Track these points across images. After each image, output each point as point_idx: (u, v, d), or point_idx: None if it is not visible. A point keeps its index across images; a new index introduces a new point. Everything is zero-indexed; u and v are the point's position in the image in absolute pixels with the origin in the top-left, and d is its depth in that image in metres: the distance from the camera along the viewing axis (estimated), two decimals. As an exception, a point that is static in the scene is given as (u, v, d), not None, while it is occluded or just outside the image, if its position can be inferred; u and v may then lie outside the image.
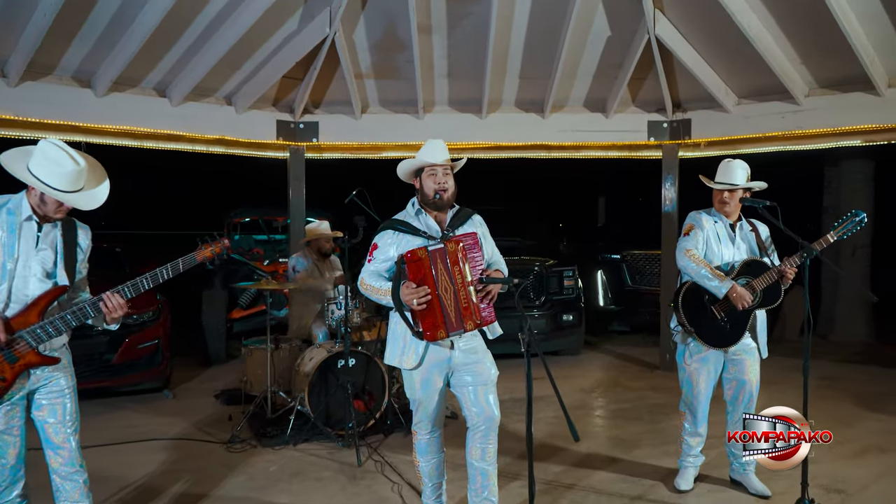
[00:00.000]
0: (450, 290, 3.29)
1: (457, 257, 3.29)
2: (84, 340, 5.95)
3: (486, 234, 3.69)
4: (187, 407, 6.17)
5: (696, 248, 4.04)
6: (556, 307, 7.86)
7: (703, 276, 3.96)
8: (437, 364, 3.47)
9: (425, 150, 3.58)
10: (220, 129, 6.95)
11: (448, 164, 3.57)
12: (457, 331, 3.32)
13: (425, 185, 3.53)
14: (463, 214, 3.62)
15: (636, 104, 7.54)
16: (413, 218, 3.55)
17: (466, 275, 3.32)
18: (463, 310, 3.30)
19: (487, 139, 7.57)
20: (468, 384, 3.51)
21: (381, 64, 6.84)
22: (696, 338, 4.01)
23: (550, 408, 6.15)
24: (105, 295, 3.05)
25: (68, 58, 5.80)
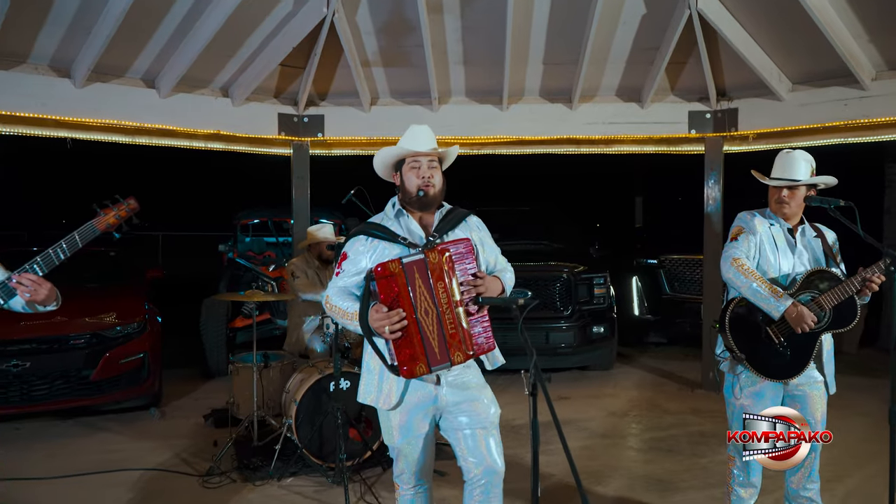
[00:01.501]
0: (432, 312, 2.62)
1: (441, 271, 2.62)
2: (59, 354, 5.48)
3: (487, 240, 3.01)
4: (172, 429, 5.60)
5: (745, 257, 3.29)
6: (586, 318, 7.12)
7: (754, 291, 3.21)
8: (421, 404, 2.80)
9: (406, 137, 2.91)
10: (216, 123, 6.38)
11: (435, 155, 2.90)
12: (441, 364, 2.64)
13: (407, 179, 2.87)
14: (455, 216, 2.94)
15: (675, 92, 6.75)
16: (392, 221, 2.89)
17: (454, 292, 2.64)
18: (449, 337, 2.63)
19: (509, 133, 6.86)
20: (463, 427, 2.83)
21: (389, 49, 6.19)
22: (748, 366, 3.26)
23: (574, 436, 5.43)
24: (13, 276, 2.61)
25: (41, 44, 5.28)
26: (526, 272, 7.18)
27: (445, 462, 4.78)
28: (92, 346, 5.56)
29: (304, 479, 4.50)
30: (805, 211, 3.43)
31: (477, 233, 2.96)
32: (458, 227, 2.92)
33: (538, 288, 7.04)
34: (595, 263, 7.61)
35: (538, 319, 7.01)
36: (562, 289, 7.09)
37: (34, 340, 5.40)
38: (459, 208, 3.02)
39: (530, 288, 7.02)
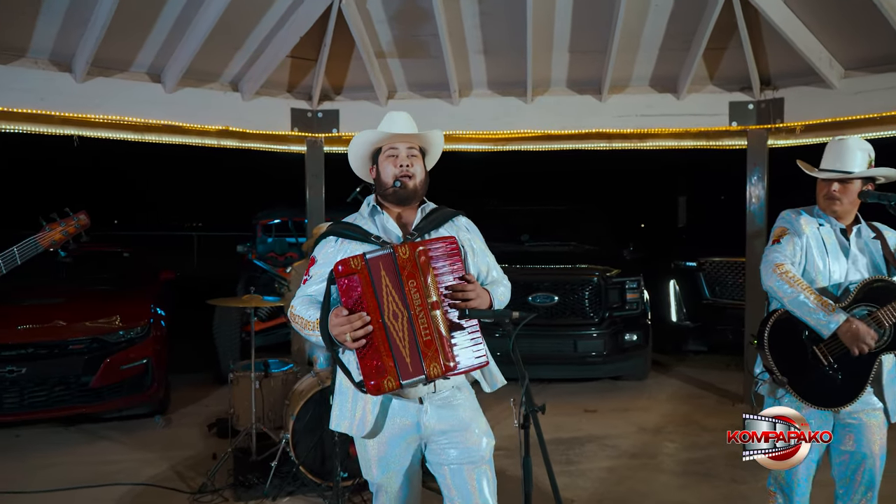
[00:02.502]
0: (402, 315, 2.23)
1: (414, 266, 2.24)
2: (57, 360, 5.25)
3: (478, 244, 2.62)
4: (174, 439, 5.33)
5: (789, 262, 2.83)
6: (618, 325, 6.65)
7: (800, 303, 2.75)
8: (403, 433, 2.42)
9: (383, 123, 2.54)
10: (226, 118, 6.10)
11: (414, 142, 2.52)
12: (414, 378, 2.24)
13: (383, 170, 2.51)
14: (440, 215, 2.56)
15: (715, 82, 6.23)
16: (366, 220, 2.54)
17: (430, 292, 2.24)
18: (424, 345, 2.23)
19: (534, 127, 6.43)
20: (451, 462, 2.44)
21: (404, 39, 5.83)
22: (791, 391, 2.80)
23: (599, 455, 4.99)
24: None
25: (39, 37, 5.06)
26: (552, 275, 6.76)
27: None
28: (92, 351, 5.33)
29: (301, 499, 4.17)
30: (860, 209, 2.96)
31: (465, 235, 2.57)
32: (444, 226, 2.54)
33: (565, 292, 6.60)
34: (629, 266, 7.12)
35: (566, 326, 6.58)
36: (591, 294, 6.63)
37: (31, 345, 5.19)
38: (446, 207, 2.64)
39: (557, 292, 6.60)
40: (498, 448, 5.10)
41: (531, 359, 6.54)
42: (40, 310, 5.58)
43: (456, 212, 2.64)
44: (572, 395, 6.53)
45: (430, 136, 2.59)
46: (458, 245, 2.39)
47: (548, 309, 6.58)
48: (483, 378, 2.53)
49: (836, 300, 2.79)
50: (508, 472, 4.65)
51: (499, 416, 5.74)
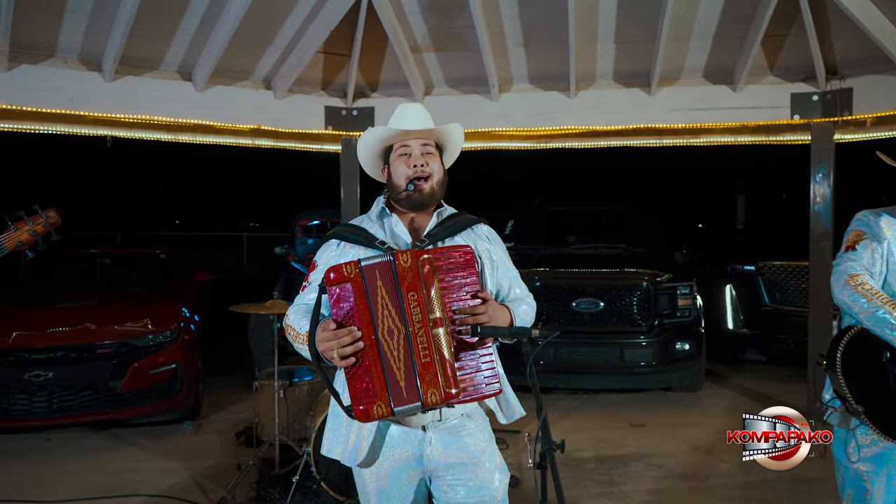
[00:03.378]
0: (398, 332, 1.94)
1: (416, 277, 1.95)
2: (85, 364, 5.17)
3: (500, 256, 2.32)
4: (201, 446, 5.19)
5: (866, 273, 2.44)
6: (668, 333, 6.24)
7: (880, 320, 2.36)
8: (403, 464, 2.14)
9: (393, 118, 2.27)
10: (258, 117, 5.93)
11: (429, 137, 2.24)
12: (409, 405, 1.94)
13: (394, 170, 2.24)
14: (457, 222, 2.27)
15: (775, 72, 5.77)
16: (374, 223, 2.26)
17: (433, 307, 1.95)
18: (422, 368, 1.93)
19: (578, 123, 6.08)
20: (458, 501, 2.15)
21: (439, 32, 5.56)
22: (867, 422, 2.41)
23: (645, 476, 4.62)
24: None
25: (67, 35, 4.97)
26: (598, 280, 6.40)
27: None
28: (120, 355, 5.23)
29: (323, 517, 3.95)
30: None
31: (485, 245, 2.28)
32: (460, 234, 2.25)
33: (612, 298, 6.22)
34: (680, 270, 6.70)
35: (612, 334, 6.21)
36: (640, 299, 6.23)
37: (59, 349, 5.12)
38: (466, 213, 2.34)
39: (602, 298, 6.23)
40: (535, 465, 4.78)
41: (573, 368, 6.23)
42: (71, 312, 5.51)
43: (477, 219, 2.35)
44: (618, 406, 6.15)
45: (447, 130, 2.31)
46: (474, 256, 2.10)
47: (592, 315, 6.22)
48: (498, 406, 2.23)
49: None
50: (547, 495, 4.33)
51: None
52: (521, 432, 5.44)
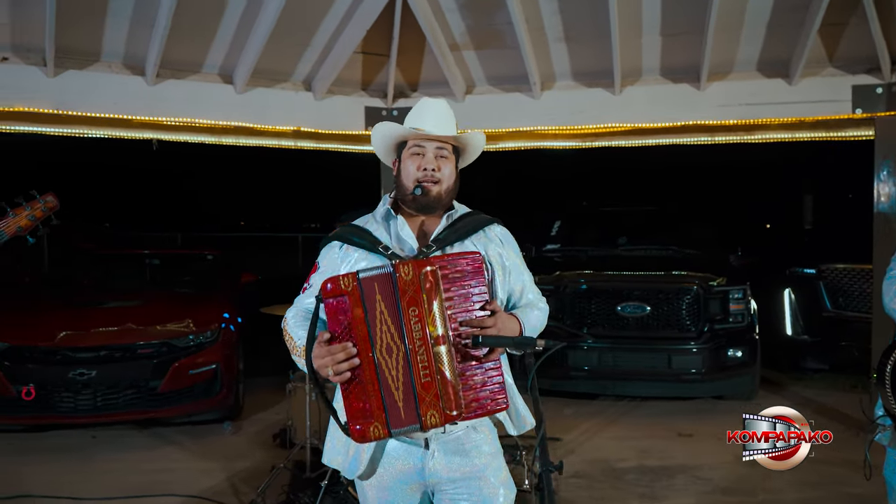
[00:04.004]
0: (397, 351, 1.84)
1: (418, 291, 1.84)
2: (126, 363, 5.27)
3: (513, 260, 2.19)
4: (238, 447, 5.22)
5: None
6: (720, 339, 5.96)
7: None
8: (404, 477, 2.04)
9: (413, 113, 2.18)
10: (297, 119, 5.94)
11: (446, 141, 2.12)
12: (407, 427, 1.86)
13: (404, 169, 2.14)
14: (467, 223, 2.15)
15: (834, 63, 5.44)
16: (378, 224, 2.16)
17: (435, 324, 1.84)
18: (421, 388, 1.84)
19: (623, 121, 5.87)
20: None
21: (478, 29, 5.45)
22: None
23: (689, 490, 4.40)
24: None
25: (110, 40, 5.07)
26: (644, 283, 6.17)
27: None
28: (161, 355, 5.31)
29: (350, 523, 3.89)
30: None
31: (497, 248, 2.15)
32: (471, 238, 2.12)
33: (659, 302, 5.99)
34: (734, 273, 6.40)
35: (659, 340, 5.98)
36: (689, 304, 5.98)
37: (102, 348, 5.23)
38: (480, 213, 2.22)
39: (649, 302, 6.00)
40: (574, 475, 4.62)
41: (618, 374, 6.03)
42: (115, 312, 5.63)
43: (490, 219, 2.22)
44: (666, 415, 5.91)
45: (467, 138, 2.18)
46: (484, 263, 1.98)
47: (638, 320, 6.00)
48: (508, 418, 2.10)
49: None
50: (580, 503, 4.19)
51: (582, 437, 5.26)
52: (562, 440, 5.31)
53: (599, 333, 6.02)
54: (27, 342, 5.17)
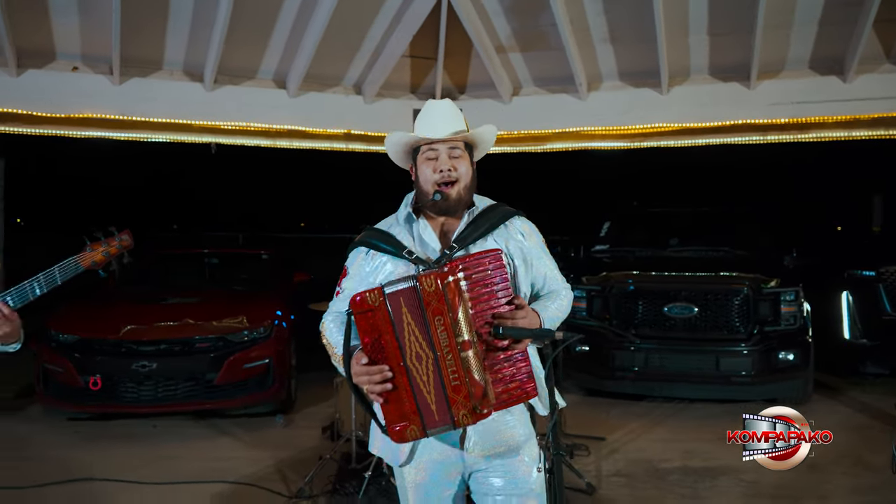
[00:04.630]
0: (427, 357, 1.95)
1: (441, 301, 1.93)
2: (185, 357, 5.52)
3: (536, 252, 2.26)
4: (289, 438, 5.40)
5: None
6: (770, 341, 5.85)
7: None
8: (443, 461, 2.15)
9: (420, 116, 2.25)
10: (348, 122, 6.14)
11: (457, 141, 2.20)
12: (441, 426, 1.97)
13: (421, 174, 2.22)
14: (489, 219, 2.22)
15: (892, 59, 5.31)
16: (401, 227, 2.24)
17: (461, 331, 1.94)
18: (452, 391, 1.94)
19: (670, 121, 5.86)
20: (495, 493, 2.13)
21: (523, 31, 5.53)
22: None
23: (732, 492, 4.37)
24: None
25: (171, 48, 5.35)
26: (692, 284, 6.10)
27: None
28: (217, 349, 5.55)
29: (392, 513, 4.01)
30: None
31: (518, 242, 2.22)
32: (492, 235, 2.19)
33: (707, 303, 5.91)
34: (787, 275, 6.27)
35: (707, 341, 5.90)
36: (738, 305, 5.88)
37: (163, 342, 5.49)
38: (503, 206, 2.29)
39: (697, 304, 5.94)
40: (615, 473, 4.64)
41: (665, 376, 5.99)
42: (176, 308, 5.90)
43: (512, 212, 2.28)
44: (714, 418, 5.82)
45: (475, 134, 2.25)
46: (507, 259, 2.07)
47: (686, 321, 5.94)
48: (539, 401, 2.17)
49: None
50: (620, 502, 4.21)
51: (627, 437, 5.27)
52: (606, 439, 5.32)
53: (646, 334, 5.99)
54: (95, 335, 5.48)
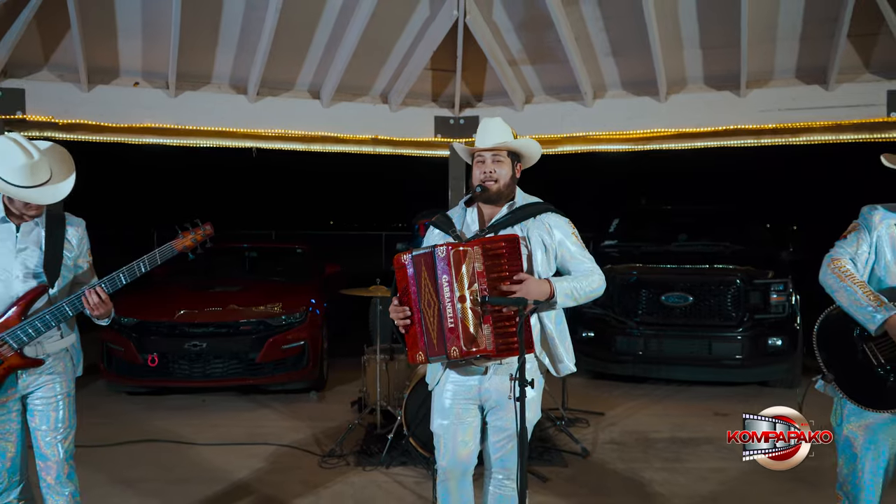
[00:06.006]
0: (434, 304, 2.65)
1: (449, 265, 2.63)
2: (231, 338, 6.20)
3: (561, 240, 2.88)
4: (321, 412, 6.07)
5: (847, 258, 2.76)
6: (760, 328, 6.38)
7: (850, 297, 2.68)
8: (461, 390, 2.84)
9: (478, 131, 2.97)
10: (375, 128, 6.76)
11: (499, 150, 2.88)
12: (437, 355, 2.67)
13: (473, 174, 2.94)
14: (524, 212, 2.89)
15: (871, 69, 5.77)
16: (458, 212, 3.00)
17: (462, 287, 2.61)
18: (448, 332, 2.62)
19: (668, 126, 6.37)
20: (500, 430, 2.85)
21: (533, 46, 6.09)
22: (838, 389, 2.74)
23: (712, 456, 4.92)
24: (85, 291, 2.90)
25: (220, 64, 6.02)
26: (688, 276, 6.65)
27: (549, 468, 4.64)
28: (258, 332, 6.24)
29: (411, 469, 4.64)
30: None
31: (541, 232, 2.85)
32: (521, 224, 2.85)
33: (701, 293, 6.46)
34: (780, 268, 6.77)
35: (701, 328, 6.44)
36: (730, 295, 6.42)
37: (212, 324, 6.20)
38: (538, 203, 2.95)
39: (692, 293, 6.49)
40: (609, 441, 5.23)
41: (663, 359, 6.53)
42: (222, 295, 6.62)
43: (546, 208, 2.92)
44: (707, 398, 6.38)
45: (515, 144, 2.91)
46: (519, 243, 2.70)
47: (682, 309, 6.49)
48: (551, 366, 2.85)
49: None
50: (611, 465, 4.79)
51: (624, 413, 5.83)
52: (605, 414, 5.89)
53: (646, 321, 6.55)
54: (152, 318, 6.21)
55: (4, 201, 2.90)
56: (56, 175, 2.89)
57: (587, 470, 4.67)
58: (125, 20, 5.41)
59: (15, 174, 2.76)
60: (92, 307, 2.89)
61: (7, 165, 2.76)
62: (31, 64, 5.64)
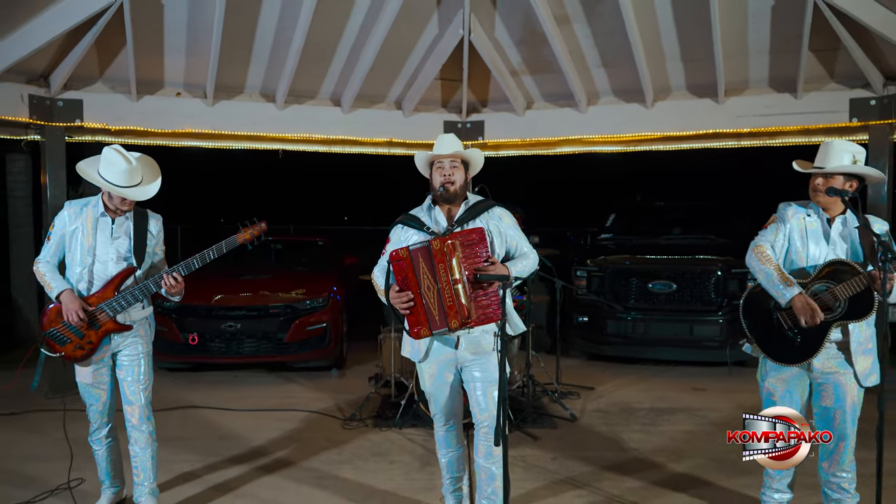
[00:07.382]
0: (433, 289, 3.28)
1: (443, 254, 3.26)
2: (261, 320, 6.94)
3: (508, 229, 3.56)
4: (343, 385, 6.81)
5: (768, 245, 3.46)
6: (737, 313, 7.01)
7: (767, 276, 3.38)
8: (445, 361, 3.50)
9: (435, 145, 3.60)
10: (390, 132, 7.49)
11: (455, 157, 3.54)
12: (441, 329, 3.30)
13: (433, 178, 3.56)
14: (478, 208, 3.55)
15: (836, 79, 6.44)
16: (424, 212, 3.60)
17: (454, 272, 3.26)
18: (447, 308, 3.27)
19: (654, 130, 7.05)
20: (476, 380, 3.47)
21: (532, 59, 6.79)
22: (758, 349, 3.45)
23: (686, 422, 5.61)
24: (163, 274, 3.66)
25: (252, 76, 6.77)
26: (672, 265, 7.32)
27: (540, 429, 5.34)
28: (286, 314, 6.97)
29: (421, 429, 5.34)
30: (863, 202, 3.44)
31: (496, 223, 3.52)
32: (480, 217, 3.51)
33: (684, 281, 7.14)
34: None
35: (682, 312, 7.12)
36: (708, 283, 7.10)
37: (244, 308, 6.94)
38: (487, 200, 3.62)
39: (676, 281, 7.17)
40: (596, 411, 5.90)
41: (650, 340, 7.22)
42: (253, 283, 7.37)
43: (493, 204, 3.60)
44: (690, 376, 7.04)
45: (466, 153, 3.58)
46: (485, 233, 3.38)
47: (667, 295, 7.17)
48: (509, 326, 3.50)
49: (808, 277, 3.35)
50: (595, 428, 5.49)
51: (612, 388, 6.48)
52: (595, 389, 6.58)
53: (634, 307, 7.24)
54: (192, 302, 6.94)
55: (104, 199, 3.67)
56: (146, 178, 3.66)
57: (574, 431, 5.38)
58: (171, 39, 6.16)
59: (118, 177, 3.54)
60: (169, 287, 3.65)
61: (112, 170, 3.54)
62: (88, 77, 6.43)
